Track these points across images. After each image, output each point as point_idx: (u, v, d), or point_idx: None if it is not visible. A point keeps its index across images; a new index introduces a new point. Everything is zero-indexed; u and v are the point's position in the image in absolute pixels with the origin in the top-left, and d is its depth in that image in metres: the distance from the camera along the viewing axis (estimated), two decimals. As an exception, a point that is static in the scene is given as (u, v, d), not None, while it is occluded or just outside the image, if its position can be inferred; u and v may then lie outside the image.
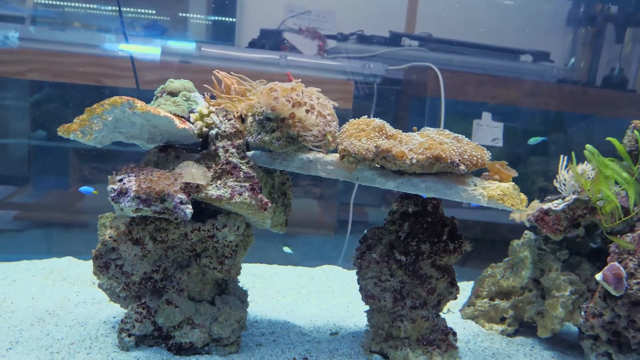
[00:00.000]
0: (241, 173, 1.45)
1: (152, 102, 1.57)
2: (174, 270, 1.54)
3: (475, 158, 1.50)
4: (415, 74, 3.13)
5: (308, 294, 2.24)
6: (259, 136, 1.48)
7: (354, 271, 2.59)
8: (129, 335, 1.55)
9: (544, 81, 3.24)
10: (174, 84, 1.52)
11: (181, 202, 1.36)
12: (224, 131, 1.49)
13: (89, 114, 1.42)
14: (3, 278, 2.17)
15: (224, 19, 3.27)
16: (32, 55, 2.69)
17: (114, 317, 1.83)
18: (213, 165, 1.48)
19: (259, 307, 2.04)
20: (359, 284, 1.68)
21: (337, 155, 1.55)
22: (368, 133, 1.49)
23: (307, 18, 3.25)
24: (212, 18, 3.29)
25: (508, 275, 1.98)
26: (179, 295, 1.52)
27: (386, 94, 3.14)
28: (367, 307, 1.68)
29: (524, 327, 1.97)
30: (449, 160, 1.44)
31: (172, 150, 1.52)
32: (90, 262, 2.38)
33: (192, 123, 1.47)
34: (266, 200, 1.44)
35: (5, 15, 2.84)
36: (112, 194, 1.37)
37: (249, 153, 1.58)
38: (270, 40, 3.10)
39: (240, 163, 1.47)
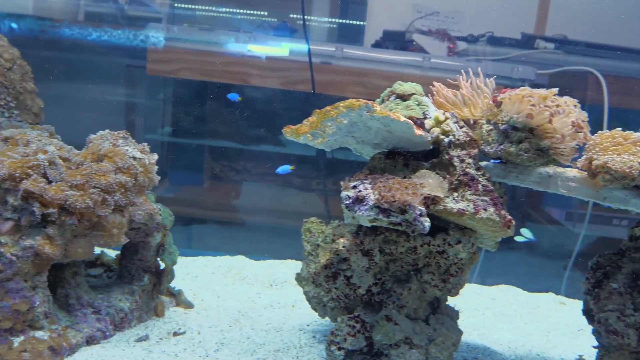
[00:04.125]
0: (480, 186, 1.33)
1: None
2: (392, 285, 1.45)
3: None
4: (563, 78, 2.84)
5: (494, 316, 2.08)
6: (502, 147, 1.35)
7: (534, 293, 2.42)
8: (339, 349, 1.48)
9: None
10: (403, 86, 1.43)
11: (420, 214, 1.26)
12: (458, 139, 1.38)
13: (321, 117, 1.36)
14: (186, 273, 2.21)
15: (354, 22, 3.23)
16: (180, 55, 2.76)
17: (308, 325, 1.78)
18: (447, 175, 1.37)
19: (447, 326, 1.91)
20: (586, 314, 1.50)
21: (576, 170, 1.38)
22: (628, 147, 1.31)
23: (435, 19, 3.10)
24: (343, 21, 3.27)
25: None
26: (399, 312, 1.43)
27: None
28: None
29: None
30: None
31: (399, 158, 1.43)
32: (261, 263, 2.43)
33: (428, 130, 1.37)
34: (509, 217, 1.31)
35: (144, 17, 2.95)
36: (347, 201, 1.29)
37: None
38: (393, 41, 2.98)
39: (477, 175, 1.35)
